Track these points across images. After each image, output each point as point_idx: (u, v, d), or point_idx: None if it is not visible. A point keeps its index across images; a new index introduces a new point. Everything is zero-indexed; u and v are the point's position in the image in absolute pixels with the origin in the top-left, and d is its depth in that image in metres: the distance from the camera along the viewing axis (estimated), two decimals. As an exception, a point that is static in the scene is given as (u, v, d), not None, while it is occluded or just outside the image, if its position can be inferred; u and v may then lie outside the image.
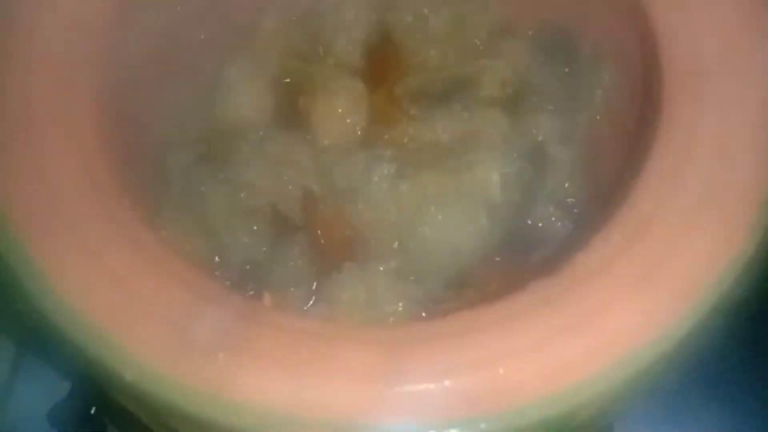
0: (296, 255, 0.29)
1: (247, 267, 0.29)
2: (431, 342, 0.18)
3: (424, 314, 0.27)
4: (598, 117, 0.31)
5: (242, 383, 0.17)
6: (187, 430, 0.18)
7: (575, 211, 0.30)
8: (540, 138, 0.32)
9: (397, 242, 0.30)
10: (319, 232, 0.31)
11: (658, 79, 0.22)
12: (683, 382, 0.32)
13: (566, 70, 0.33)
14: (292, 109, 0.33)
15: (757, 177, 0.19)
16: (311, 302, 0.29)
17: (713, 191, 0.19)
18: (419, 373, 0.17)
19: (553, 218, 0.31)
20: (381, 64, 0.34)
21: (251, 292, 0.29)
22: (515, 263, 0.29)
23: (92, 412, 0.32)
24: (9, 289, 0.17)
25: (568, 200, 0.31)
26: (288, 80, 0.33)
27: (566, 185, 0.31)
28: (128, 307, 0.17)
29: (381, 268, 0.29)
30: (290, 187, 0.31)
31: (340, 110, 0.32)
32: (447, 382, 0.17)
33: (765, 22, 0.22)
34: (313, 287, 0.29)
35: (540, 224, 0.31)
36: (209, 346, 0.17)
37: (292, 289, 0.29)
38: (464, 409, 0.16)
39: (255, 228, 0.30)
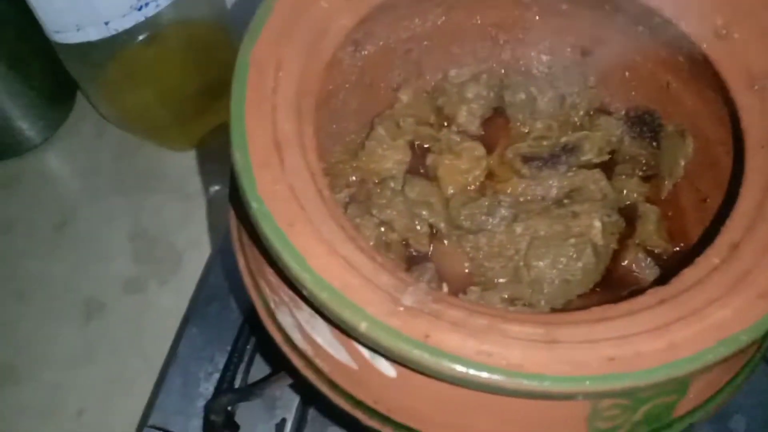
0: (430, 280, 0.35)
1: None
2: (575, 323, 0.24)
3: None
4: (679, 180, 0.38)
5: (439, 338, 0.23)
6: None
7: (663, 258, 0.36)
8: (633, 197, 0.39)
9: (510, 276, 0.36)
10: (442, 265, 0.37)
11: (742, 149, 0.29)
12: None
13: (653, 144, 0.39)
14: (422, 165, 0.40)
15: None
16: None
17: (789, 226, 0.26)
18: (571, 341, 0.23)
19: (643, 264, 0.36)
20: (494, 133, 0.42)
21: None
22: (611, 298, 0.35)
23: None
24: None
25: (656, 250, 0.37)
26: (420, 142, 0.41)
27: (654, 237, 0.37)
28: (358, 281, 0.24)
29: (498, 296, 0.36)
30: (420, 226, 0.38)
31: (462, 167, 0.39)
32: (594, 349, 0.23)
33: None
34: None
35: (633, 266, 0.36)
36: (414, 310, 0.24)
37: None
38: (609, 367, 0.22)
39: (393, 257, 0.37)
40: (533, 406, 0.25)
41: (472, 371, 0.22)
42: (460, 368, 0.22)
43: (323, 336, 0.27)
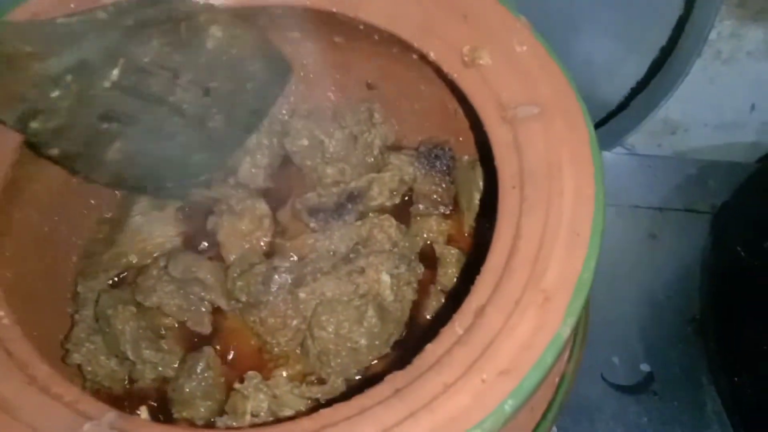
0: (204, 369, 0.31)
1: (157, 384, 0.31)
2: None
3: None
4: (476, 216, 0.35)
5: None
6: None
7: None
8: (432, 238, 0.35)
9: (299, 347, 0.32)
10: (227, 344, 0.33)
11: (495, 190, 0.26)
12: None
13: (448, 178, 0.36)
14: (202, 231, 0.35)
15: (569, 266, 0.22)
16: (223, 415, 0.30)
17: (534, 279, 0.22)
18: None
19: (446, 308, 0.33)
20: (287, 183, 0.38)
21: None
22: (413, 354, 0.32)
23: None
24: None
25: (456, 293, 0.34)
26: (197, 206, 0.36)
27: (454, 280, 0.34)
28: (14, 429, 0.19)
29: (284, 373, 0.31)
30: (198, 305, 0.33)
31: (244, 228, 0.35)
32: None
33: (574, 141, 0.26)
34: (224, 398, 0.31)
35: (435, 314, 0.33)
36: (81, 461, 0.19)
37: (202, 403, 0.31)
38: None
39: (165, 346, 0.32)
40: None
41: None
42: None
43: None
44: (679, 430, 0.41)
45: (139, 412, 0.28)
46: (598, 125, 0.53)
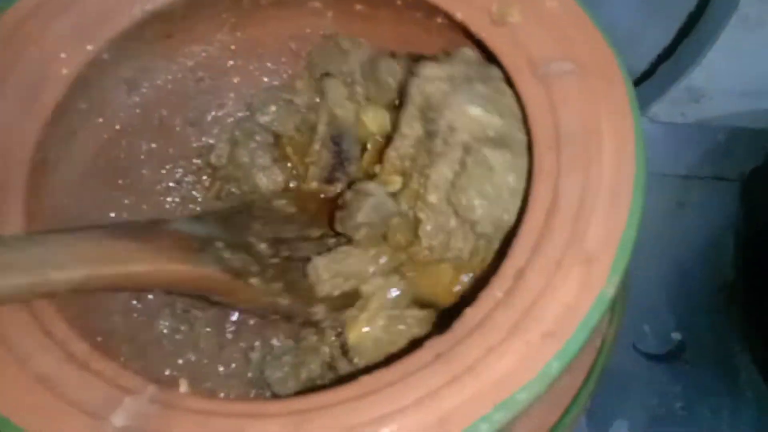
0: None
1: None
2: (332, 408, 0.20)
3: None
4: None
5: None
6: None
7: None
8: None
9: None
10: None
11: (530, 150, 0.25)
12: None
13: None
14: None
15: (612, 224, 0.22)
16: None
17: (575, 239, 0.22)
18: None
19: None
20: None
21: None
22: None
23: None
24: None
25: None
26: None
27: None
28: (52, 405, 0.19)
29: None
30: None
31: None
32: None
33: (612, 97, 0.25)
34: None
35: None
36: (129, 430, 0.19)
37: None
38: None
39: None
40: None
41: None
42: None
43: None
44: (712, 399, 0.41)
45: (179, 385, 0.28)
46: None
